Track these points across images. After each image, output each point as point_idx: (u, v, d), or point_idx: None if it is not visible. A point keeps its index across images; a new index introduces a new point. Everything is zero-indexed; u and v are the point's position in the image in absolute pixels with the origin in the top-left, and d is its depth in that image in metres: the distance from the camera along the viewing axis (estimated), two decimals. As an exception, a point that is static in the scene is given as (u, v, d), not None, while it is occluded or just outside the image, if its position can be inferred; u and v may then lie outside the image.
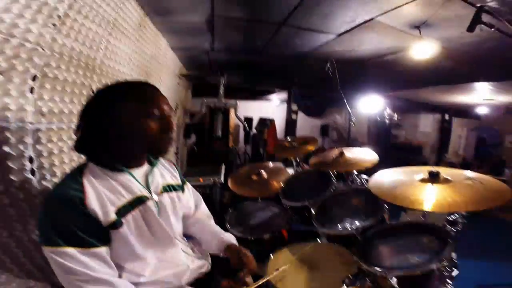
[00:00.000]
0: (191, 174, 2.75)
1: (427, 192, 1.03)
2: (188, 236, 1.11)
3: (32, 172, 0.95)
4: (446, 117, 5.83)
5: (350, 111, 2.51)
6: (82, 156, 0.85)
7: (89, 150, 0.82)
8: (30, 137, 0.93)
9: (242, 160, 6.16)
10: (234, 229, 1.66)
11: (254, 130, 6.03)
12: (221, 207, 2.85)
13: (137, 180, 0.85)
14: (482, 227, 2.01)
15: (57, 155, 1.07)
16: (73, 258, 0.68)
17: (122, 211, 0.78)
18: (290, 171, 2.46)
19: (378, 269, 0.94)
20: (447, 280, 0.86)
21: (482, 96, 3.99)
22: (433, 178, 1.08)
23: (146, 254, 0.83)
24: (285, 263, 1.20)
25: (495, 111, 4.79)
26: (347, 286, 0.96)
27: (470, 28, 1.12)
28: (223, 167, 2.95)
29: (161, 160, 1.02)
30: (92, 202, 0.73)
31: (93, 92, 1.09)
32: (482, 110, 4.92)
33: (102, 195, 0.76)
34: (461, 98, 4.50)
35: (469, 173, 1.14)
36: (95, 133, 0.79)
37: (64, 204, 0.70)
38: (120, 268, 0.79)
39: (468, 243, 1.02)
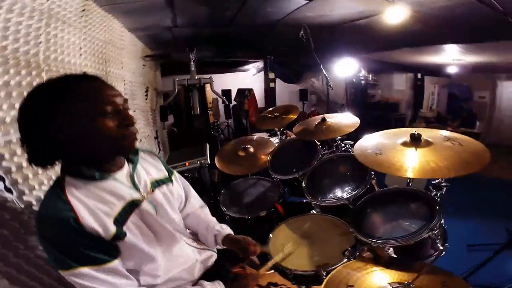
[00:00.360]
0: (176, 159, 2.64)
1: (410, 158, 1.06)
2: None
3: (8, 190, 0.90)
4: (419, 75, 6.09)
5: (326, 75, 2.49)
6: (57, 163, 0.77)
7: (48, 162, 0.73)
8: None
9: (226, 134, 6.11)
10: (230, 211, 1.68)
11: (233, 102, 5.91)
12: (212, 187, 2.84)
13: (122, 183, 0.80)
14: (465, 185, 2.11)
15: (28, 167, 0.99)
16: (91, 277, 0.68)
17: (120, 220, 0.74)
18: (275, 140, 2.48)
19: (374, 241, 1.01)
20: (439, 246, 0.94)
21: (451, 57, 4.16)
22: (415, 141, 1.11)
23: (156, 255, 0.82)
24: (285, 240, 1.25)
25: (464, 69, 5.10)
26: (348, 258, 1.02)
27: None
28: (207, 146, 2.86)
29: (141, 154, 0.95)
30: (87, 219, 0.68)
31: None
32: (451, 69, 5.20)
33: (94, 209, 0.71)
34: (431, 58, 4.67)
35: (445, 133, 1.18)
36: (46, 144, 0.69)
37: (59, 227, 0.66)
38: (136, 273, 0.79)
39: (455, 202, 1.08)
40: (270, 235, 1.30)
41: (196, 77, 3.61)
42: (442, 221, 1.01)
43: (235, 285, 0.90)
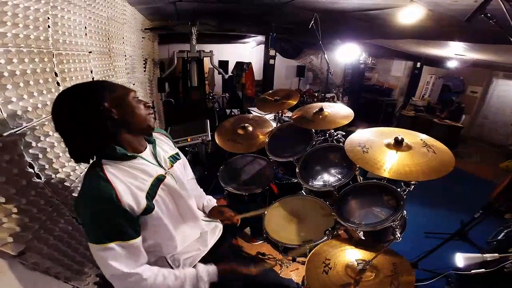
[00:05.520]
0: (177, 134, 2.74)
1: (390, 159, 1.22)
2: None
3: (37, 176, 0.97)
4: (418, 64, 6.07)
5: (328, 62, 2.55)
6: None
7: (94, 153, 0.86)
8: (19, 144, 0.89)
9: (220, 104, 6.13)
10: (229, 186, 1.82)
11: (230, 73, 5.85)
12: (207, 158, 3.05)
13: (149, 161, 0.93)
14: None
15: (51, 151, 1.06)
16: (114, 252, 0.78)
17: (151, 194, 0.88)
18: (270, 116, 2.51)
19: (349, 224, 1.23)
20: (397, 233, 1.18)
21: (454, 51, 4.17)
22: (398, 144, 1.28)
23: (176, 231, 0.98)
24: (278, 217, 1.44)
25: (463, 63, 5.05)
26: (328, 236, 1.25)
27: (469, 19, 1.11)
28: (208, 122, 2.96)
29: (155, 134, 1.06)
30: (124, 195, 0.80)
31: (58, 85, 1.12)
32: (451, 63, 5.17)
33: (129, 185, 0.83)
34: (434, 51, 4.63)
35: (424, 137, 1.36)
36: (100, 127, 0.82)
37: (102, 203, 0.78)
38: (158, 245, 0.94)
39: (422, 191, 1.25)
40: (265, 212, 1.51)
41: (196, 50, 3.60)
42: (405, 213, 1.24)
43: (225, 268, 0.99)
